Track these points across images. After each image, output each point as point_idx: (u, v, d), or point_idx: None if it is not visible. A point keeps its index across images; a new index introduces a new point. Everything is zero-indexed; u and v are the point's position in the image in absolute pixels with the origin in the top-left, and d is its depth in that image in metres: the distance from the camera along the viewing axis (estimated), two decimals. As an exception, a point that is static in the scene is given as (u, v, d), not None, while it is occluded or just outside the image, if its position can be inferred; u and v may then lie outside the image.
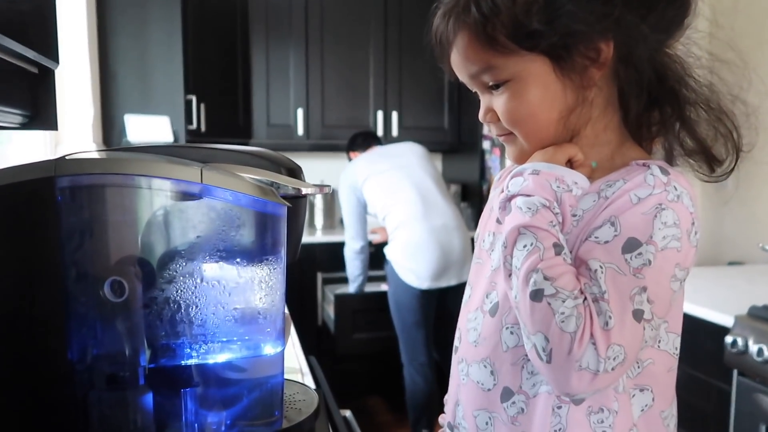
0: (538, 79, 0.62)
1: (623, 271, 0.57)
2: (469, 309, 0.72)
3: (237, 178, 0.54)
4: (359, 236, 2.54)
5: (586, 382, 0.55)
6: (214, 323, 0.56)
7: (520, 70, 0.62)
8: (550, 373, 0.56)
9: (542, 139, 0.65)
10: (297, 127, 3.13)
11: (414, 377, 2.42)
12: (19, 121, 0.67)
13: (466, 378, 0.70)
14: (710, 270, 2.16)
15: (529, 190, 0.60)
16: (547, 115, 0.63)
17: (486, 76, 0.64)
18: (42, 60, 0.65)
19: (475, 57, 0.63)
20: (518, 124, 0.65)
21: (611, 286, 0.56)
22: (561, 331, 0.54)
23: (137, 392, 0.55)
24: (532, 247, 0.57)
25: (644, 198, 0.58)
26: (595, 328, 0.55)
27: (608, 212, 0.59)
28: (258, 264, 0.58)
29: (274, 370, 0.61)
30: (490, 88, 0.65)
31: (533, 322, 0.56)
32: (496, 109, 0.65)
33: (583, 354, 0.54)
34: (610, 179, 0.62)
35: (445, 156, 3.64)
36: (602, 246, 0.58)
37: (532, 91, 0.62)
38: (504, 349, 0.66)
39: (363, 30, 3.17)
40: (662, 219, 0.57)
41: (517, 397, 0.65)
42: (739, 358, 1.39)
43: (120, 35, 2.35)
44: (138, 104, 2.39)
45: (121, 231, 0.54)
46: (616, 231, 0.58)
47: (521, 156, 0.68)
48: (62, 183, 0.51)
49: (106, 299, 0.54)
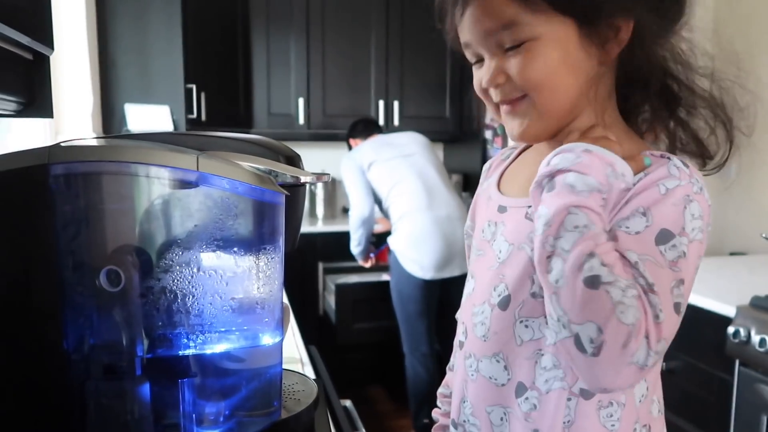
0: (561, 44, 0.60)
1: (660, 264, 0.55)
2: (474, 302, 0.70)
3: (234, 165, 0.53)
4: (365, 205, 2.45)
5: (632, 376, 0.53)
6: (212, 313, 0.55)
7: (545, 30, 0.59)
8: (592, 366, 0.53)
9: (557, 108, 0.62)
10: (298, 116, 3.11)
11: (416, 367, 2.42)
12: (14, 108, 0.66)
13: (476, 374, 0.68)
14: (712, 260, 2.16)
15: (583, 168, 0.55)
16: (566, 81, 0.61)
17: (506, 33, 0.60)
18: (37, 46, 0.64)
19: (499, 10, 0.59)
20: (537, 87, 0.61)
21: (655, 278, 0.54)
22: (619, 323, 0.51)
23: (134, 382, 0.55)
24: (586, 230, 0.53)
25: (672, 189, 0.57)
26: (649, 321, 0.52)
27: (636, 202, 0.57)
28: (256, 253, 0.57)
29: (272, 360, 0.60)
30: (506, 49, 0.61)
31: (584, 311, 0.52)
32: (510, 71, 0.61)
33: (638, 348, 0.52)
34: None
35: (446, 146, 3.63)
36: (634, 237, 0.55)
37: (554, 54, 0.60)
38: (518, 343, 0.64)
39: (364, 19, 3.15)
40: (691, 211, 0.56)
41: (530, 393, 0.63)
42: (741, 348, 1.38)
43: (120, 24, 2.33)
44: (138, 93, 2.38)
45: (117, 219, 0.53)
46: (648, 222, 0.56)
47: (529, 128, 0.63)
48: (56, 170, 0.50)
49: (103, 289, 0.53)
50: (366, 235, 2.56)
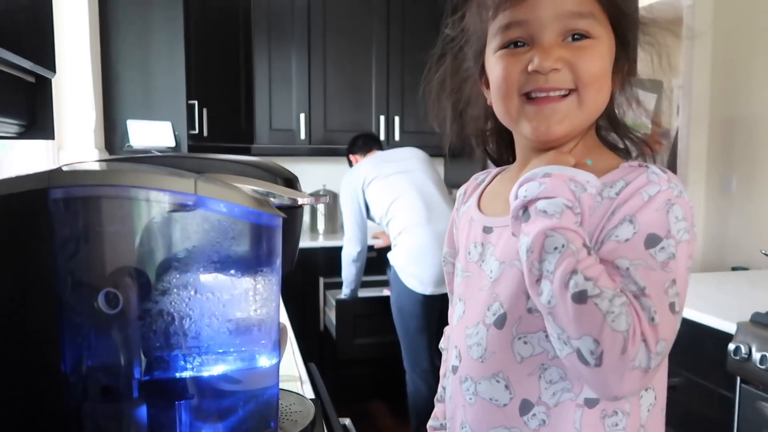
0: (610, 52, 0.65)
1: (652, 266, 0.57)
2: (467, 324, 0.70)
3: (231, 189, 0.54)
4: (357, 241, 2.53)
5: (637, 380, 0.54)
6: (209, 335, 0.56)
7: (603, 34, 0.64)
8: (598, 376, 0.54)
9: (597, 108, 0.66)
10: (299, 131, 3.13)
11: (417, 383, 2.41)
12: (16, 130, 0.67)
13: (474, 397, 0.68)
14: (713, 275, 2.15)
15: (549, 192, 0.58)
16: (609, 86, 0.66)
17: (584, 22, 0.62)
18: (38, 70, 0.65)
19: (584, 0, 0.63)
20: (592, 82, 0.63)
21: (647, 281, 0.56)
22: (613, 331, 0.53)
23: (131, 405, 0.55)
24: (565, 249, 0.55)
25: (654, 195, 0.59)
26: (644, 324, 0.54)
27: (622, 212, 0.59)
28: (253, 275, 0.57)
29: (269, 381, 0.60)
30: (572, 38, 0.63)
31: (578, 326, 0.54)
32: (575, 61, 0.62)
33: (637, 352, 0.53)
34: (608, 180, 0.63)
35: (447, 161, 3.64)
36: (624, 244, 0.58)
37: (607, 58, 0.65)
38: (518, 360, 0.64)
39: (365, 35, 3.18)
40: (674, 213, 0.59)
41: (537, 408, 0.63)
42: (742, 365, 1.38)
43: (122, 40, 2.36)
44: (140, 109, 2.39)
45: (116, 242, 0.54)
46: (635, 228, 0.58)
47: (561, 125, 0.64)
48: (56, 194, 0.51)
49: (101, 311, 0.53)
50: (357, 274, 2.60)
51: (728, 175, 2.57)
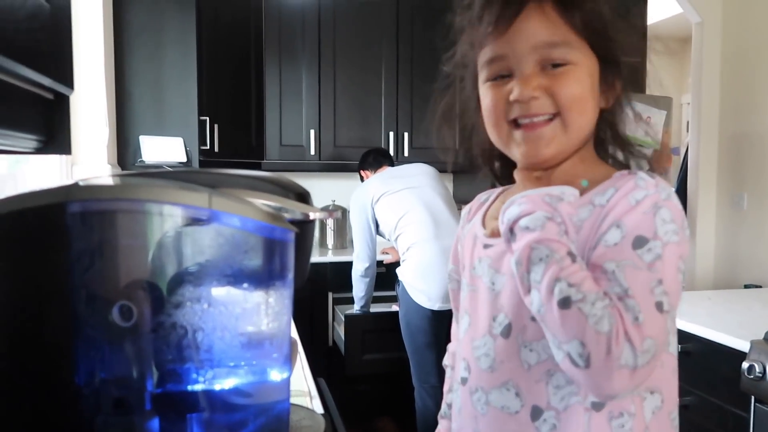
0: (591, 75, 0.67)
1: (639, 267, 0.59)
2: (474, 336, 0.72)
3: (245, 203, 0.55)
4: (366, 257, 2.53)
5: (626, 379, 0.56)
6: (221, 348, 0.56)
7: (582, 59, 0.66)
8: (589, 377, 0.57)
9: (582, 129, 0.68)
10: (309, 147, 3.16)
11: (425, 400, 2.40)
12: (34, 146, 0.68)
13: (486, 407, 0.69)
14: (726, 293, 2.13)
15: (527, 210, 0.62)
16: (592, 107, 0.68)
17: (558, 51, 0.65)
18: (57, 86, 0.66)
19: (554, 28, 0.65)
20: (573, 105, 0.66)
21: (632, 282, 0.58)
22: (597, 333, 0.55)
23: (144, 417, 0.55)
24: (549, 259, 0.58)
25: (641, 199, 0.61)
26: (627, 324, 0.56)
27: (611, 218, 0.62)
28: (265, 289, 0.58)
29: (280, 395, 0.60)
30: (552, 66, 0.65)
31: (565, 331, 0.56)
32: (553, 87, 0.65)
33: (621, 351, 0.55)
34: (599, 189, 0.66)
35: (455, 176, 3.65)
36: (612, 248, 0.60)
37: (587, 81, 0.66)
38: (526, 368, 0.66)
39: (374, 51, 3.21)
40: (661, 216, 0.61)
41: (547, 414, 0.65)
42: (757, 384, 1.36)
43: (136, 58, 2.40)
44: (153, 125, 2.43)
45: (131, 255, 0.55)
46: (623, 232, 0.60)
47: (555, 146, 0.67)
48: (73, 208, 0.52)
49: (115, 323, 0.54)
50: (367, 290, 2.61)
51: (739, 191, 2.55)
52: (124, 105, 2.39)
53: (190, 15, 2.44)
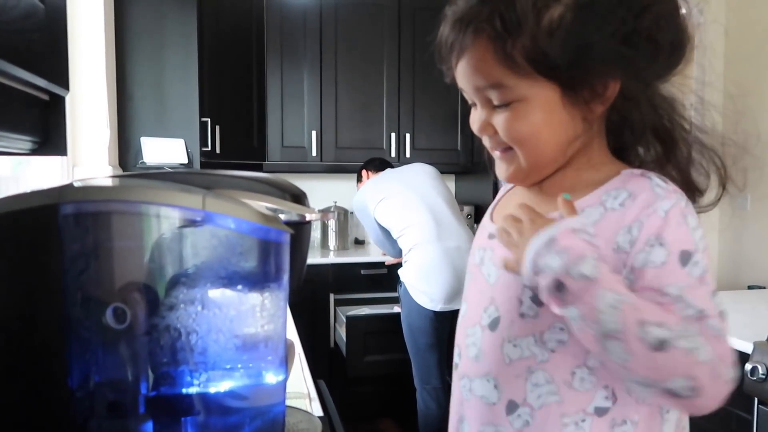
0: (546, 105, 0.62)
1: (694, 285, 0.58)
2: (467, 325, 0.73)
3: (239, 204, 0.54)
4: (396, 253, 2.55)
5: (728, 390, 0.56)
6: (216, 351, 0.56)
7: (531, 93, 0.61)
8: (695, 404, 0.56)
9: (541, 161, 0.66)
10: (311, 148, 3.15)
11: (427, 401, 2.39)
12: (30, 147, 0.68)
13: (470, 394, 0.70)
14: (729, 294, 2.12)
15: (573, 258, 0.56)
16: (551, 140, 0.64)
17: (493, 93, 0.63)
18: (52, 88, 0.66)
19: (487, 71, 0.62)
20: (521, 143, 0.64)
21: (700, 301, 0.57)
22: (702, 363, 0.54)
23: (138, 420, 0.55)
24: (621, 304, 0.54)
25: (669, 209, 0.60)
26: (717, 343, 0.56)
27: (645, 234, 0.59)
28: (260, 291, 0.57)
29: (275, 398, 0.60)
30: (496, 105, 0.64)
31: (666, 371, 0.54)
32: (497, 126, 0.65)
33: (726, 370, 0.55)
34: (609, 189, 0.63)
35: (458, 177, 3.64)
36: (662, 269, 0.58)
37: (539, 115, 0.62)
38: (507, 362, 0.66)
39: (376, 53, 3.20)
40: (690, 224, 0.60)
41: (521, 409, 0.65)
42: (760, 386, 1.35)
43: (137, 59, 2.40)
44: (154, 127, 2.43)
45: (124, 257, 0.54)
46: (667, 250, 0.58)
47: (515, 174, 0.67)
48: (66, 210, 0.51)
49: (108, 326, 0.53)
50: (391, 245, 2.58)
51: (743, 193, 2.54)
52: (125, 106, 2.39)
53: (191, 16, 2.44)
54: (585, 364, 0.63)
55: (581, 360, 0.63)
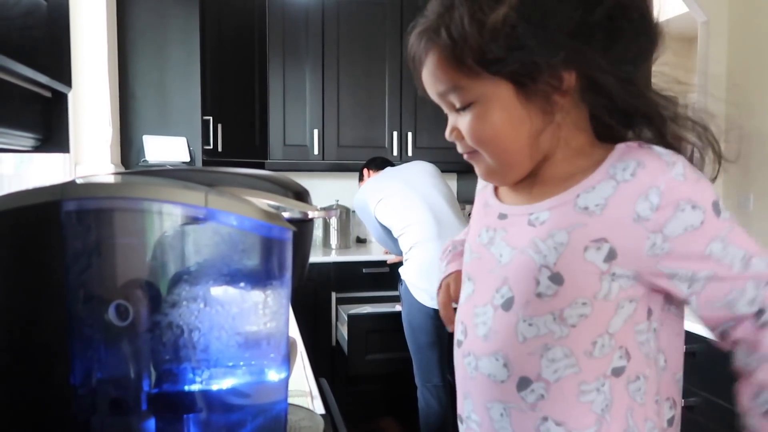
0: (502, 103, 0.64)
1: (733, 228, 0.62)
2: (476, 304, 0.72)
3: (242, 202, 0.54)
4: (398, 252, 2.53)
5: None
6: (218, 348, 0.55)
7: (485, 92, 0.64)
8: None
9: (510, 159, 0.67)
10: (312, 147, 3.15)
11: (428, 399, 2.39)
12: (32, 144, 0.68)
13: (475, 372, 0.71)
14: (731, 293, 2.11)
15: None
16: (512, 137, 0.65)
17: (453, 96, 0.66)
18: (55, 84, 0.66)
19: (443, 77, 0.65)
20: (483, 144, 0.67)
21: (741, 240, 0.62)
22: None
23: (140, 418, 0.55)
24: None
25: (683, 171, 0.61)
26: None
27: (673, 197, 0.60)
28: (263, 288, 0.57)
29: (278, 396, 0.60)
30: (457, 109, 0.67)
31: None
32: (461, 129, 0.67)
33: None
34: (614, 162, 0.63)
35: (459, 176, 3.64)
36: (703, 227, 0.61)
37: (497, 114, 0.64)
38: (520, 341, 0.66)
39: (378, 51, 3.20)
40: (703, 177, 0.64)
41: (536, 384, 0.66)
42: (762, 385, 1.35)
43: (139, 58, 2.40)
44: (156, 125, 2.43)
45: (127, 254, 0.54)
46: (701, 208, 0.61)
47: (488, 173, 0.70)
48: (68, 207, 0.51)
49: (111, 323, 0.53)
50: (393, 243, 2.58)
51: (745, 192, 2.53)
52: (127, 105, 2.39)
53: (193, 14, 2.44)
54: (607, 331, 0.63)
55: (603, 328, 0.63)
